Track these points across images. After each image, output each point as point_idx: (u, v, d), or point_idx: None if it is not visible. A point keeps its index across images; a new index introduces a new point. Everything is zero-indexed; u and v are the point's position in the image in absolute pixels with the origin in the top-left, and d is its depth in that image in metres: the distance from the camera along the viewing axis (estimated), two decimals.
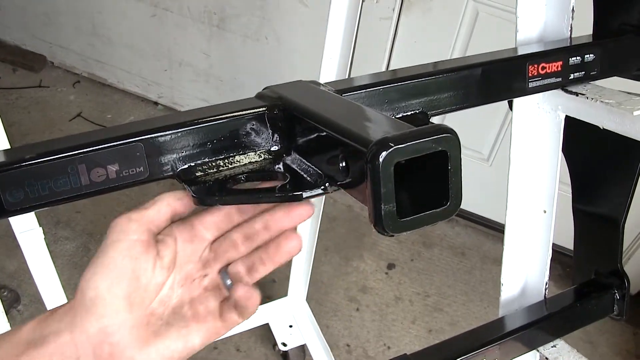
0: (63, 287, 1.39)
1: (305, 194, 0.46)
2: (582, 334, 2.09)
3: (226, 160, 0.53)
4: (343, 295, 2.10)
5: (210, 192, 0.49)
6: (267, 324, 1.85)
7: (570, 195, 0.94)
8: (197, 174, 0.51)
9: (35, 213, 1.27)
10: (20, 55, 2.95)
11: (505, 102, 0.85)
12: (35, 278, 1.35)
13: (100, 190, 0.50)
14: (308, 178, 0.49)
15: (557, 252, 2.03)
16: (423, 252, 2.29)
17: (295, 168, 0.51)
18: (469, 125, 2.16)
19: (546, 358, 0.87)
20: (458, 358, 0.78)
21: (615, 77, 0.76)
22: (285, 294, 1.87)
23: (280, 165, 0.53)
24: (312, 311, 1.82)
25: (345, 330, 2.00)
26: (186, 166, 0.52)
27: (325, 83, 0.58)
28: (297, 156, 0.52)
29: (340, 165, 0.43)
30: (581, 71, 0.69)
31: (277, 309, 1.84)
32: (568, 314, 0.88)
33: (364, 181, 0.39)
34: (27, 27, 2.90)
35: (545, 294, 0.91)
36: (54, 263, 1.36)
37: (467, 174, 1.98)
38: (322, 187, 0.47)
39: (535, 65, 0.65)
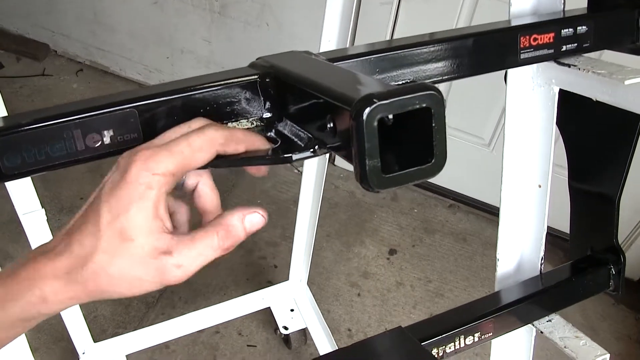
0: None
1: (295, 156, 0.47)
2: (583, 320, 2.10)
3: None
4: (344, 281, 2.11)
5: None
6: (269, 309, 1.86)
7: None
8: None
9: (38, 196, 1.28)
10: (23, 44, 2.96)
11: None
12: None
13: (95, 155, 0.50)
14: (299, 142, 0.50)
15: (558, 238, 2.04)
16: (424, 238, 2.30)
17: (287, 133, 0.52)
18: (470, 110, 2.17)
19: (541, 332, 0.88)
20: (452, 331, 0.79)
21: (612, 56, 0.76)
22: (287, 279, 1.88)
23: (273, 132, 0.54)
24: (313, 296, 1.84)
25: (346, 315, 2.01)
26: None
27: (318, 53, 0.59)
28: (289, 122, 0.52)
29: (329, 126, 0.44)
30: (573, 43, 0.69)
31: (279, 293, 1.86)
32: (563, 288, 0.89)
33: (350, 139, 0.40)
34: (30, 16, 2.91)
35: (540, 269, 0.92)
36: None
37: (469, 159, 2.00)
38: (312, 150, 0.47)
39: (527, 37, 0.66)
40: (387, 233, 2.30)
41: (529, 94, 0.82)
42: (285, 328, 1.81)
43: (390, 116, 0.42)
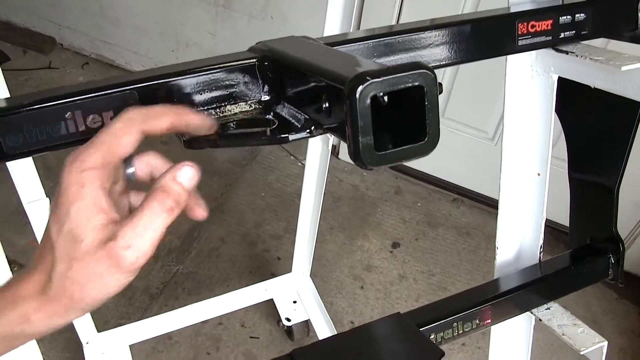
0: None
1: (291, 137, 0.48)
2: (586, 313, 2.10)
3: (218, 110, 0.54)
4: (347, 274, 2.12)
5: (200, 137, 0.51)
6: (272, 301, 1.87)
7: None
8: None
9: (42, 185, 1.29)
10: (29, 37, 2.97)
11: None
12: None
13: None
14: (296, 124, 0.50)
15: (561, 232, 2.04)
16: (428, 232, 2.30)
17: (285, 115, 0.53)
18: (474, 104, 2.17)
19: (540, 320, 0.88)
20: (451, 317, 0.80)
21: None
22: (290, 272, 1.89)
23: (271, 115, 0.54)
24: (316, 289, 1.85)
25: (349, 307, 2.01)
26: None
27: (317, 38, 0.59)
28: (287, 105, 0.53)
29: (324, 106, 0.44)
30: (572, 30, 0.70)
31: (281, 285, 1.86)
32: (562, 276, 0.89)
33: (345, 118, 0.40)
34: (36, 9, 2.92)
35: (539, 257, 0.92)
36: None
37: (472, 153, 2.00)
38: (308, 131, 0.48)
39: (525, 23, 0.66)
40: (391, 226, 2.30)
41: (528, 82, 0.83)
42: (288, 320, 1.81)
43: (386, 98, 0.43)
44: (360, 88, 0.38)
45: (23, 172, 1.20)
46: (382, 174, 2.49)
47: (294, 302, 1.85)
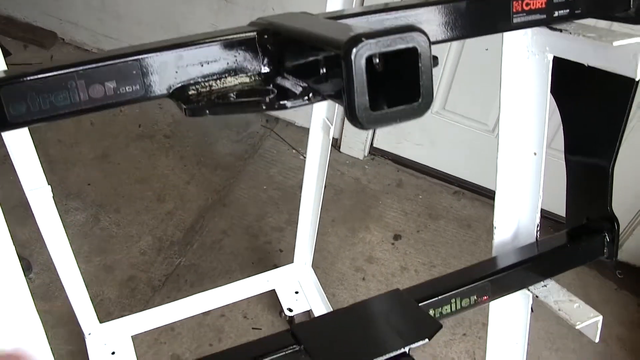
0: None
1: (289, 104, 0.49)
2: (586, 303, 2.10)
3: (218, 81, 0.56)
4: (349, 265, 2.13)
5: (201, 105, 0.52)
6: (274, 293, 1.88)
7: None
8: (190, 93, 0.54)
9: (45, 177, 1.30)
10: (31, 31, 2.98)
11: None
12: (45, 239, 1.38)
13: (98, 106, 0.52)
14: (295, 92, 0.52)
15: (561, 223, 2.05)
16: (429, 224, 2.31)
17: (284, 85, 0.54)
18: (474, 97, 2.18)
19: (536, 296, 0.90)
20: (448, 293, 0.81)
21: None
22: (292, 263, 1.90)
23: (271, 86, 0.56)
24: (318, 280, 1.86)
25: (351, 299, 2.03)
26: (180, 85, 0.54)
27: (317, 14, 0.61)
28: (286, 75, 0.54)
29: (322, 71, 0.46)
30: (566, 9, 0.71)
31: (283, 275, 1.88)
32: (559, 254, 0.90)
33: (341, 80, 0.42)
34: (37, 4, 2.93)
35: (536, 236, 0.93)
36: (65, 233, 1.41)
37: (473, 146, 2.00)
38: (306, 97, 0.49)
39: (520, 1, 0.67)
40: (392, 219, 2.31)
41: (523, 63, 0.84)
42: (290, 310, 1.83)
43: (381, 68, 0.44)
44: (355, 49, 0.39)
45: (25, 160, 1.21)
46: (384, 167, 2.51)
47: (296, 292, 1.86)
